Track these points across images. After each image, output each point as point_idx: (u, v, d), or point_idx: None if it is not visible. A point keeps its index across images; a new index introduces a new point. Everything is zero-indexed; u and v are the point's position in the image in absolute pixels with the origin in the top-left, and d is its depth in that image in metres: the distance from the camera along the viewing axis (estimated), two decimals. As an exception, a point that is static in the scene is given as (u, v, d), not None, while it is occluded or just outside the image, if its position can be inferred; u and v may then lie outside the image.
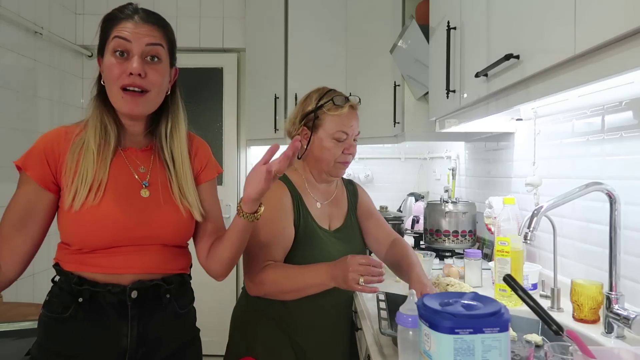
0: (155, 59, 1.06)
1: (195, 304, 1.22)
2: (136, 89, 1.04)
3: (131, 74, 1.03)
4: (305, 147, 1.44)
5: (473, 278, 1.64)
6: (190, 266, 1.21)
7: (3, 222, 1.05)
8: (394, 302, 1.37)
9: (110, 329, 1.04)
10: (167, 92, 1.13)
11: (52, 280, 1.09)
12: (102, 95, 1.10)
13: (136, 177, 1.11)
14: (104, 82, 1.08)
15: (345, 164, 1.45)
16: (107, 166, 1.07)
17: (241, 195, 1.10)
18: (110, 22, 1.07)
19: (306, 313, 1.39)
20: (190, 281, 1.21)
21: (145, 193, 1.10)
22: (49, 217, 1.07)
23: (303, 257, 1.37)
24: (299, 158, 1.47)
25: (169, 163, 1.14)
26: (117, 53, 1.04)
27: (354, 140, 1.47)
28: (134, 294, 1.05)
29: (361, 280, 1.17)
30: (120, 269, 1.05)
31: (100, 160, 1.06)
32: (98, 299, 1.04)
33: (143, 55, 1.05)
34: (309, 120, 1.42)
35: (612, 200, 1.13)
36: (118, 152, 1.11)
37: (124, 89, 1.04)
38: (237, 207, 1.13)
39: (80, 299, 1.03)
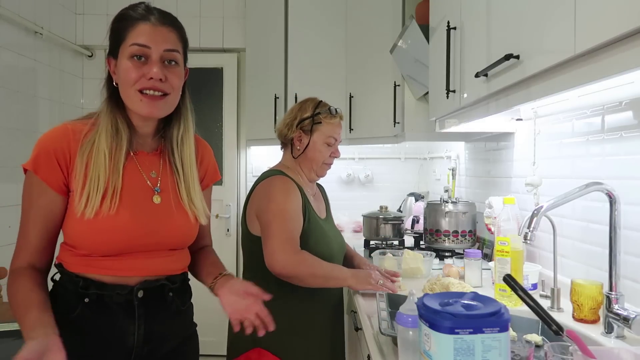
0: (173, 63, 1.06)
1: (195, 304, 1.23)
2: (157, 93, 1.03)
3: (151, 78, 1.01)
4: (299, 148, 1.60)
5: (473, 278, 1.64)
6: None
7: (27, 233, 1.03)
8: (394, 302, 1.37)
9: (117, 328, 1.04)
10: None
11: (52, 279, 1.09)
12: (114, 97, 1.08)
13: (148, 183, 1.09)
14: (116, 84, 1.06)
15: (330, 165, 1.66)
16: (120, 171, 1.05)
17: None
18: (124, 22, 1.04)
19: (304, 308, 1.51)
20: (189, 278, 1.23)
21: (157, 199, 1.09)
22: (63, 218, 1.06)
23: (309, 239, 1.49)
24: (294, 158, 1.61)
25: (178, 167, 1.13)
26: (135, 57, 1.02)
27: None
28: (141, 294, 1.05)
29: (380, 281, 1.47)
30: (128, 272, 1.05)
31: (113, 165, 1.04)
32: (104, 299, 1.04)
33: (161, 59, 1.03)
34: (306, 125, 1.59)
35: (612, 200, 1.13)
36: (130, 156, 1.09)
37: (142, 92, 1.03)
38: (212, 283, 1.14)
39: (87, 299, 1.03)
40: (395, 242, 2.39)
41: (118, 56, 1.05)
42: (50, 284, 1.09)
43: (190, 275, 1.22)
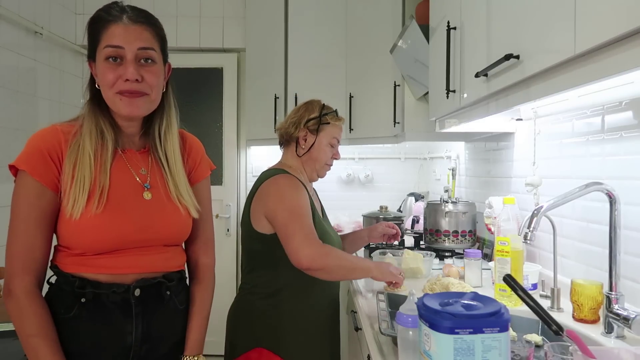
0: (149, 61, 1.05)
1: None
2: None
3: (127, 80, 1.02)
4: (304, 147, 1.61)
5: (473, 278, 1.64)
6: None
7: (32, 243, 1.01)
8: (394, 302, 1.37)
9: (115, 328, 1.04)
10: (163, 90, 1.12)
11: (48, 281, 1.08)
12: (96, 99, 1.08)
13: (137, 179, 1.10)
14: (98, 86, 1.06)
15: (330, 167, 1.69)
16: (108, 171, 1.05)
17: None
18: (97, 25, 1.04)
19: (301, 310, 1.50)
20: (187, 277, 1.22)
21: (147, 195, 1.09)
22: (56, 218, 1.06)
23: None
24: (299, 156, 1.63)
25: (164, 162, 1.13)
26: (110, 59, 1.03)
27: None
28: (137, 292, 1.05)
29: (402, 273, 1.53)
30: (124, 269, 1.05)
31: (100, 165, 1.04)
32: (101, 298, 1.03)
33: (137, 58, 1.03)
34: (312, 124, 1.61)
35: (612, 200, 1.13)
36: (118, 155, 1.10)
37: (121, 93, 1.03)
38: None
39: (83, 299, 1.03)
40: (395, 242, 2.38)
41: (96, 59, 1.05)
42: (45, 287, 1.08)
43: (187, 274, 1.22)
